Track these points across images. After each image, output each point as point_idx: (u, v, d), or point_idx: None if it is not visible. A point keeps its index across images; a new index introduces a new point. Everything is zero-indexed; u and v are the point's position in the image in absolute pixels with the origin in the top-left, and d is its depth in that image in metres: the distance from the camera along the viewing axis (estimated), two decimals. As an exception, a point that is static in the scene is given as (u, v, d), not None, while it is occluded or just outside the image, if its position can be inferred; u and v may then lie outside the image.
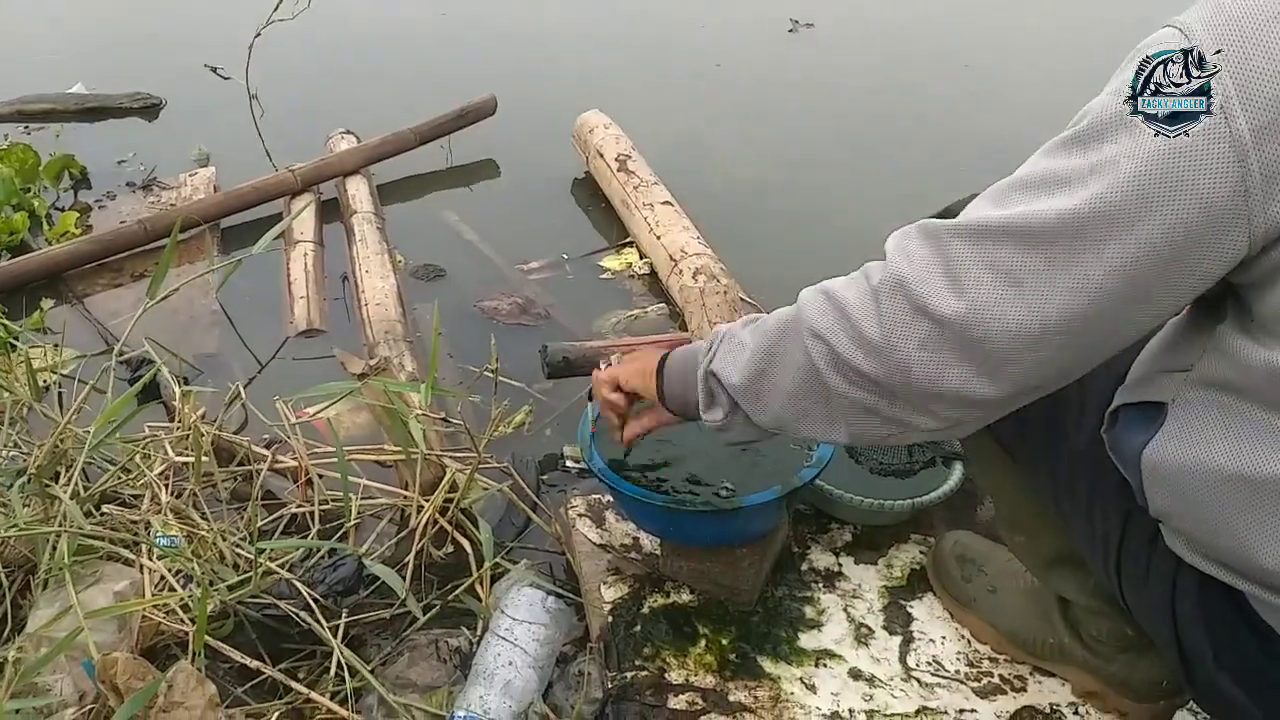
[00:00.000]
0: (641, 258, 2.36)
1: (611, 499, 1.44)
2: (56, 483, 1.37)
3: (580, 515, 1.50)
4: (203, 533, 1.35)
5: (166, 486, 1.40)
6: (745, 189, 2.83)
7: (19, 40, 4.13)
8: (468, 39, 4.19)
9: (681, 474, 1.31)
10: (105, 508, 1.38)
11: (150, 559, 1.31)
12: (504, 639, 1.17)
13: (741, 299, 1.98)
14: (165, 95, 3.39)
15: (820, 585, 1.41)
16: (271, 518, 1.47)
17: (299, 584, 1.30)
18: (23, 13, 4.54)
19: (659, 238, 2.25)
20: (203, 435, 1.42)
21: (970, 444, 1.21)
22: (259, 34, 3.07)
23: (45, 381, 1.72)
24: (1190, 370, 0.84)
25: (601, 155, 2.63)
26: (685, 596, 1.38)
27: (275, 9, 3.05)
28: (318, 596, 1.30)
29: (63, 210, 2.56)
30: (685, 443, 1.35)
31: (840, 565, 1.45)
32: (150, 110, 3.31)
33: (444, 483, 1.42)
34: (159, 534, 1.35)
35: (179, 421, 1.51)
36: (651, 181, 2.47)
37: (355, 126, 2.94)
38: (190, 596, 1.25)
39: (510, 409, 1.68)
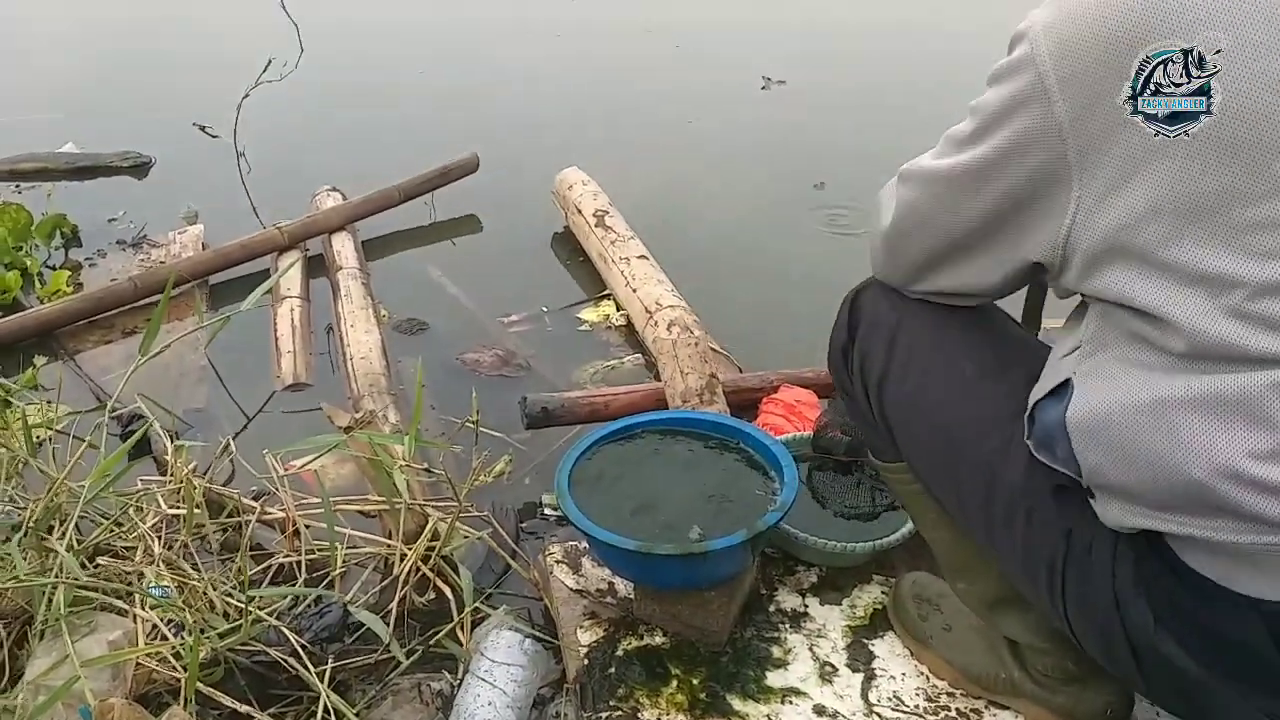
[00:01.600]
0: (618, 310, 2.45)
1: (587, 546, 1.51)
2: (51, 536, 1.43)
3: (557, 562, 1.57)
4: (193, 583, 1.40)
5: (159, 538, 1.46)
6: (719, 242, 2.94)
7: (9, 100, 4.22)
8: (450, 98, 4.31)
9: (653, 520, 1.37)
10: (99, 559, 1.44)
11: (143, 609, 1.36)
12: (483, 680, 1.23)
13: (712, 349, 2.07)
14: (155, 154, 3.49)
15: (787, 625, 1.47)
16: (260, 567, 1.52)
17: (287, 631, 1.36)
18: (13, 73, 4.64)
19: (635, 291, 2.34)
20: (194, 488, 1.47)
21: (908, 500, 1.29)
22: (247, 94, 3.18)
23: (39, 437, 1.78)
24: (1080, 347, 0.95)
25: (580, 211, 2.73)
26: (658, 638, 1.44)
27: (263, 70, 3.16)
28: (305, 643, 1.35)
29: (54, 268, 2.63)
30: (657, 491, 1.43)
31: (806, 606, 1.51)
32: (140, 169, 3.41)
33: (426, 531, 1.48)
34: (152, 584, 1.40)
35: (171, 475, 1.56)
36: (628, 236, 2.56)
37: (341, 184, 3.04)
38: (182, 645, 1.31)
39: (490, 459, 1.75)
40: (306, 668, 1.31)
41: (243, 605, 1.37)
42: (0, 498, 1.56)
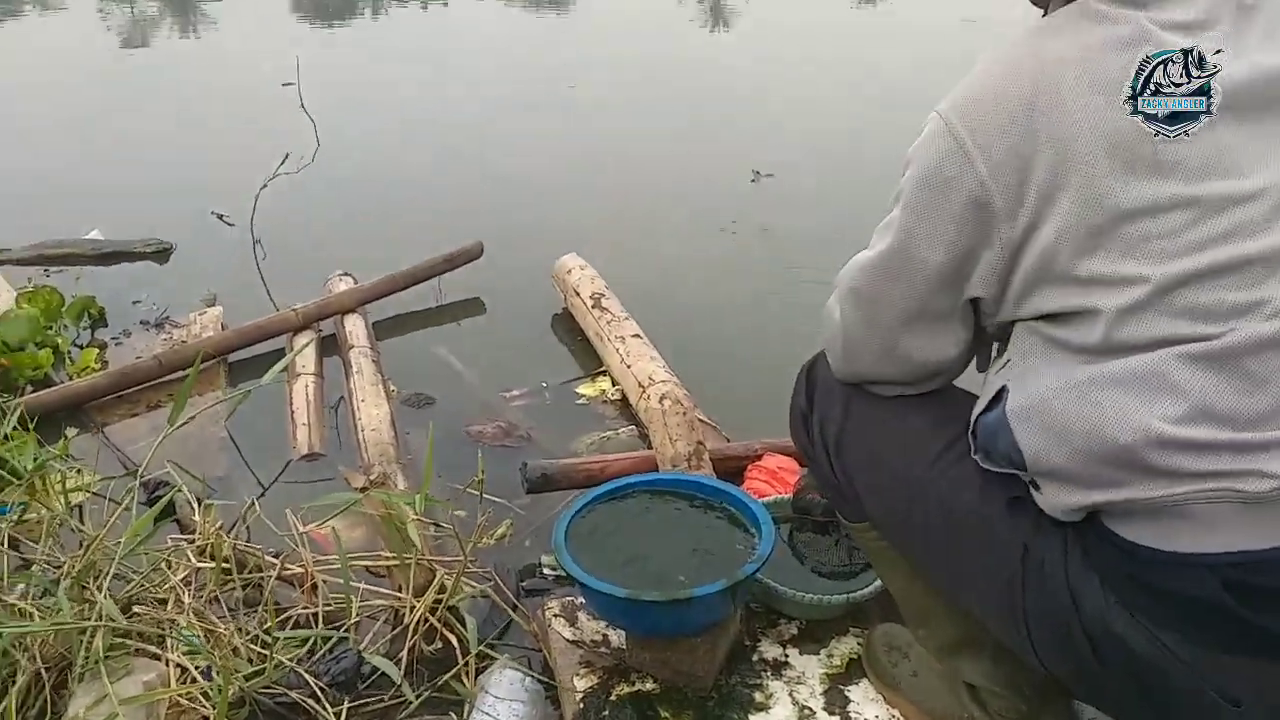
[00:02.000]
0: (614, 385, 2.60)
1: (583, 600, 1.63)
2: (90, 588, 1.55)
3: (555, 615, 1.69)
4: (220, 631, 1.53)
5: (188, 589, 1.58)
6: (707, 323, 3.12)
7: (38, 188, 4.46)
8: (457, 188, 4.56)
9: (642, 571, 1.50)
10: (135, 608, 1.56)
11: (175, 653, 1.48)
12: (487, 714, 1.34)
13: (700, 420, 2.21)
14: (175, 240, 3.68)
15: (769, 673, 1.59)
16: (280, 619, 1.64)
17: (306, 674, 1.48)
18: (39, 161, 4.89)
19: (629, 367, 2.49)
20: (222, 542, 1.61)
21: (874, 555, 1.42)
22: (265, 185, 3.39)
23: (74, 501, 1.91)
24: (1009, 362, 1.10)
25: (578, 294, 2.90)
26: (649, 685, 1.55)
27: (281, 163, 3.38)
28: (322, 685, 1.47)
29: (82, 347, 2.79)
30: (646, 546, 1.56)
31: (787, 655, 1.63)
32: (161, 254, 3.59)
33: (433, 584, 1.61)
34: (184, 630, 1.53)
35: (200, 532, 1.70)
36: (623, 317, 2.73)
37: (352, 269, 3.21)
38: (211, 686, 1.42)
39: (493, 522, 1.88)
40: (324, 708, 1.43)
41: (267, 651, 1.49)
42: (40, 554, 1.69)
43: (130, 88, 7.09)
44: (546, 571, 1.89)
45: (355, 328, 2.85)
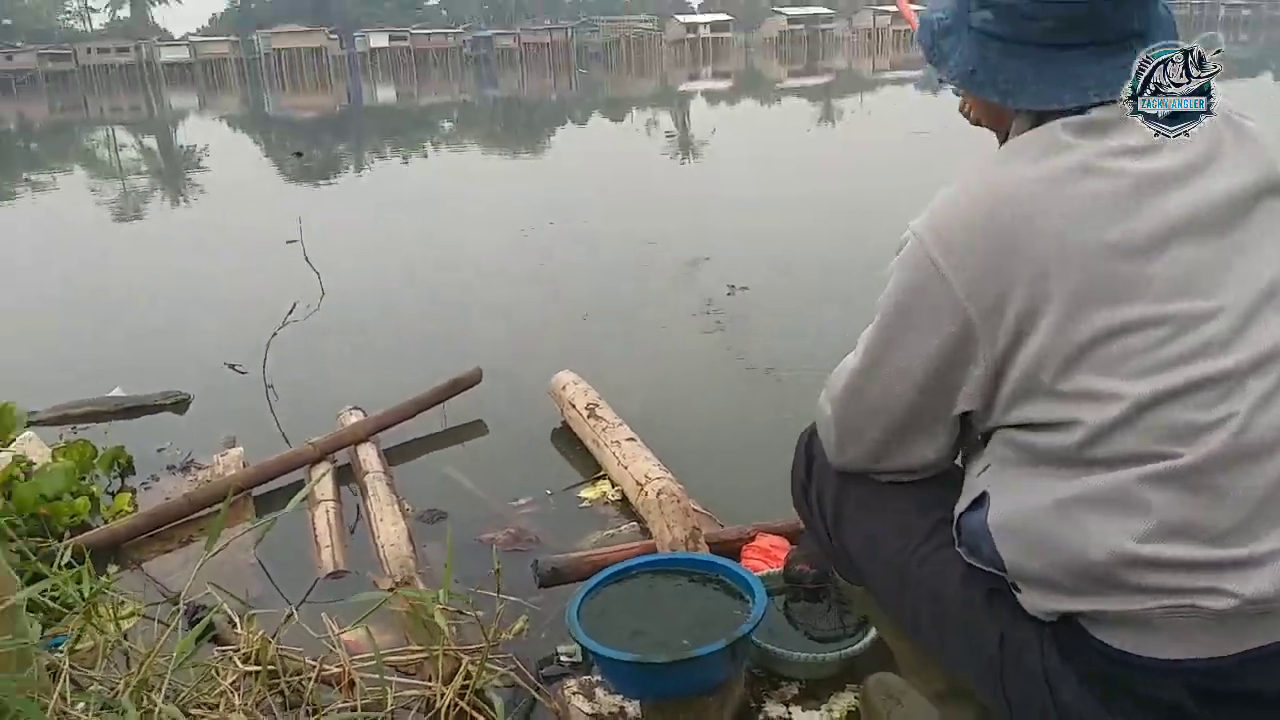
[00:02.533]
0: (613, 486, 2.78)
1: (599, 672, 1.78)
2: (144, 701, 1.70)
3: (575, 693, 1.83)
4: (269, 727, 1.67)
5: (237, 693, 1.73)
6: (696, 422, 3.34)
7: (54, 351, 4.72)
8: (454, 322, 4.86)
9: (649, 640, 1.66)
10: (191, 710, 1.70)
11: (229, 752, 1.62)
12: (519, 776, 1.48)
13: (695, 509, 2.39)
14: (192, 391, 3.90)
15: (773, 729, 1.73)
16: (323, 713, 1.78)
17: (350, 761, 1.61)
18: (55, 328, 5.18)
19: (626, 468, 2.68)
20: (268, 645, 1.76)
21: (871, 613, 1.52)
22: (275, 334, 3.65)
23: (124, 628, 2.06)
24: (989, 467, 1.17)
25: (574, 405, 3.11)
26: (664, 747, 1.69)
27: (289, 312, 3.64)
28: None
29: (114, 494, 2.97)
30: (651, 618, 1.72)
31: (790, 713, 1.77)
32: (180, 405, 3.81)
33: (460, 670, 1.76)
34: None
35: (244, 640, 1.85)
36: (617, 423, 2.93)
37: (360, 401, 3.42)
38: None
39: (510, 618, 2.03)
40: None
41: (312, 742, 1.63)
42: (98, 673, 1.84)
43: (135, 252, 7.47)
44: (564, 659, 2.03)
45: (368, 455, 3.04)
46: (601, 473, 2.88)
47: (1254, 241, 1.06)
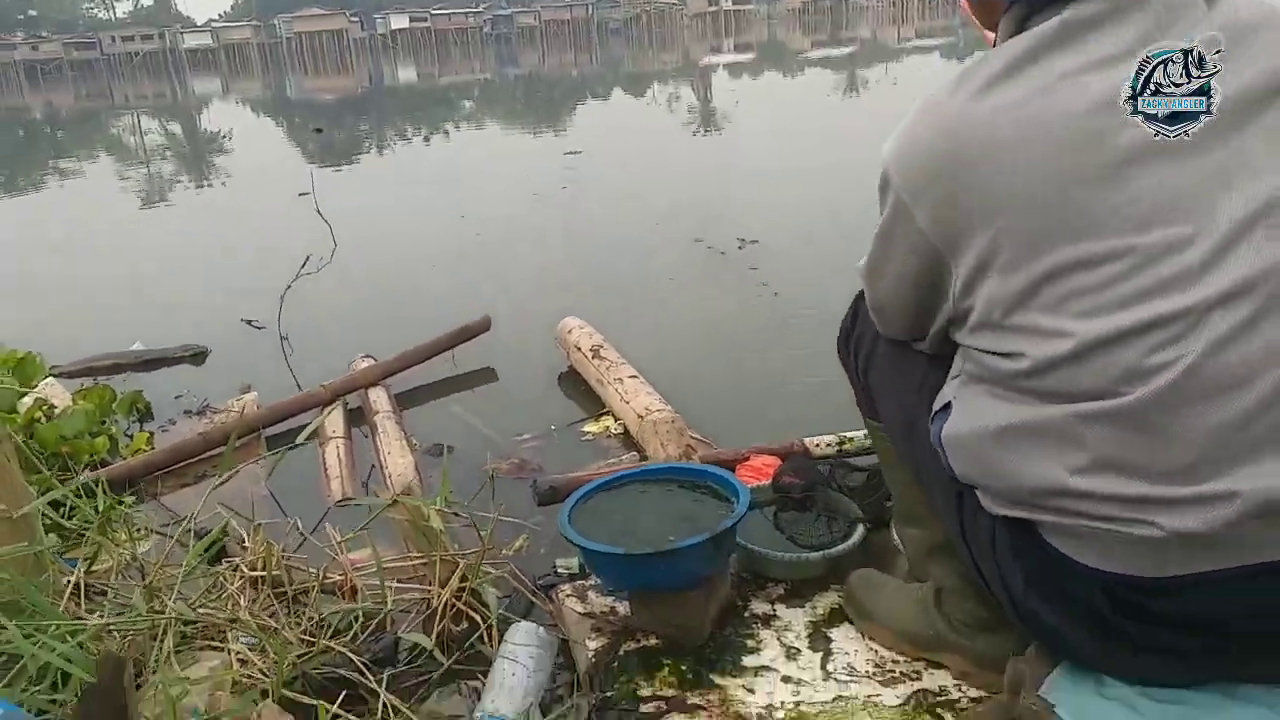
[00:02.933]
0: (615, 421, 2.83)
1: (589, 568, 1.84)
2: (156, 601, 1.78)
3: (568, 596, 1.89)
4: (272, 624, 1.74)
5: (243, 595, 1.80)
6: (698, 364, 3.39)
7: (75, 301, 4.85)
8: (466, 273, 4.94)
9: (636, 537, 1.71)
10: (199, 610, 1.78)
11: (235, 644, 1.69)
12: (506, 657, 1.54)
13: (695, 437, 2.44)
14: (210, 344, 3.99)
15: (759, 625, 1.78)
16: (323, 616, 1.85)
17: (350, 654, 1.68)
18: (72, 274, 5.33)
19: (628, 403, 2.73)
20: (272, 551, 1.84)
21: (882, 450, 1.60)
22: (289, 287, 3.72)
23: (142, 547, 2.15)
24: (958, 377, 1.24)
25: (579, 348, 3.17)
26: (652, 641, 1.74)
27: (303, 265, 3.71)
28: (365, 661, 1.67)
29: (131, 437, 3.06)
30: (639, 519, 1.78)
31: (775, 610, 1.82)
32: (198, 357, 3.90)
33: (457, 571, 1.82)
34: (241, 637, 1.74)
35: (251, 549, 1.93)
36: (620, 362, 2.99)
37: (373, 351, 3.50)
38: (268, 665, 1.63)
39: (512, 537, 2.10)
40: (367, 679, 1.63)
41: (314, 639, 1.71)
42: (112, 583, 1.92)
43: (158, 222, 7.61)
44: (561, 571, 2.10)
45: (379, 397, 3.11)
46: (605, 410, 2.94)
47: (1253, 153, 0.98)
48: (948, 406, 1.23)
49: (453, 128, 15.49)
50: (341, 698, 1.52)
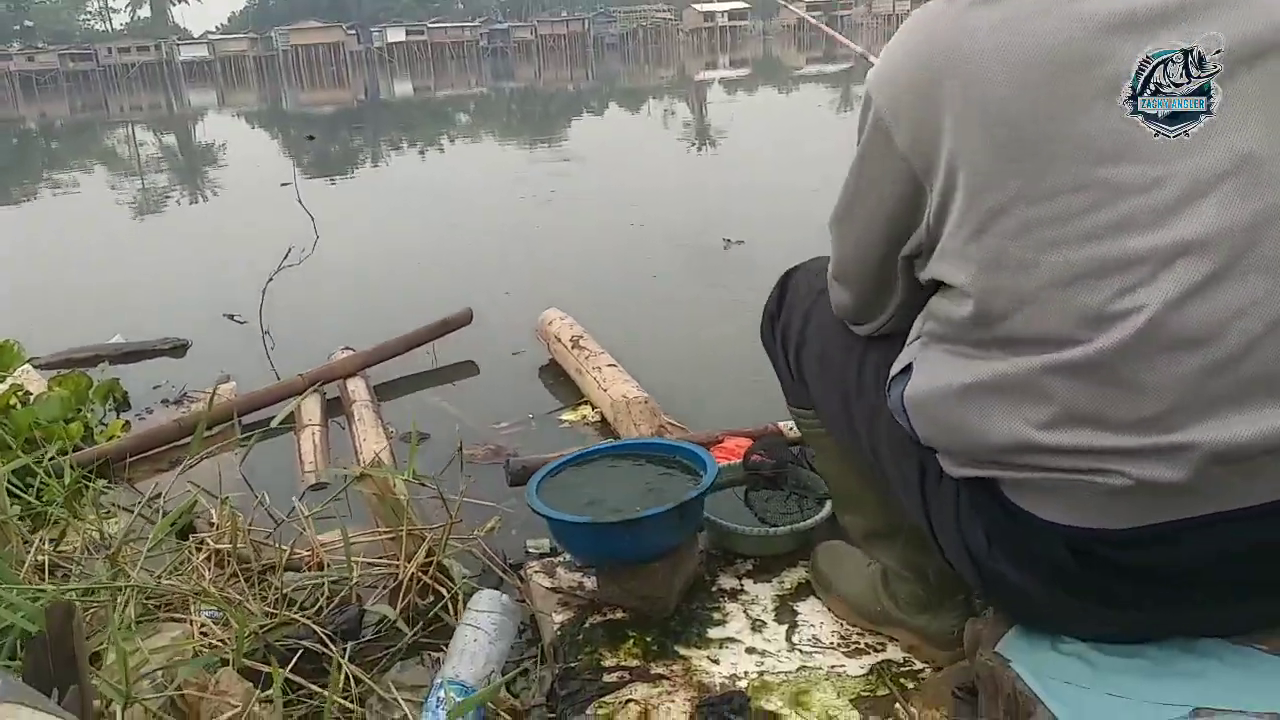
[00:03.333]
0: (593, 409, 2.83)
1: (555, 540, 1.83)
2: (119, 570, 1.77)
3: (536, 572, 1.88)
4: (236, 597, 1.73)
5: (208, 568, 1.79)
6: (676, 354, 3.40)
7: (62, 301, 4.83)
8: (449, 269, 4.94)
9: (603, 507, 1.71)
10: (162, 582, 1.76)
11: (197, 615, 1.68)
12: (468, 624, 1.53)
13: (670, 423, 2.44)
14: (190, 337, 3.98)
15: (725, 599, 1.77)
16: (289, 589, 1.84)
17: (314, 625, 1.67)
18: (60, 277, 5.30)
19: (606, 390, 2.73)
20: (238, 525, 1.82)
21: (815, 441, 1.59)
22: (270, 280, 3.72)
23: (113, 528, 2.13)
24: (920, 338, 1.21)
25: (559, 339, 3.17)
26: (618, 615, 1.73)
27: (284, 258, 3.71)
28: (328, 633, 1.66)
29: (107, 425, 3.05)
30: (607, 490, 1.77)
31: (742, 585, 1.81)
32: (178, 350, 3.89)
33: (424, 544, 1.81)
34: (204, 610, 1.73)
35: (218, 522, 1.91)
36: (599, 352, 2.98)
37: (353, 343, 3.49)
38: (229, 635, 1.62)
39: (484, 519, 2.09)
40: (326, 646, 1.62)
41: (277, 611, 1.70)
42: (77, 555, 1.91)
43: (144, 225, 7.60)
44: (531, 550, 2.09)
45: (357, 387, 3.10)
46: (584, 399, 2.93)
47: (1238, 106, 0.96)
48: (908, 369, 1.21)
49: (446, 140, 15.52)
50: (294, 662, 1.51)
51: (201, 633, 1.68)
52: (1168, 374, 0.96)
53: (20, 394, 2.88)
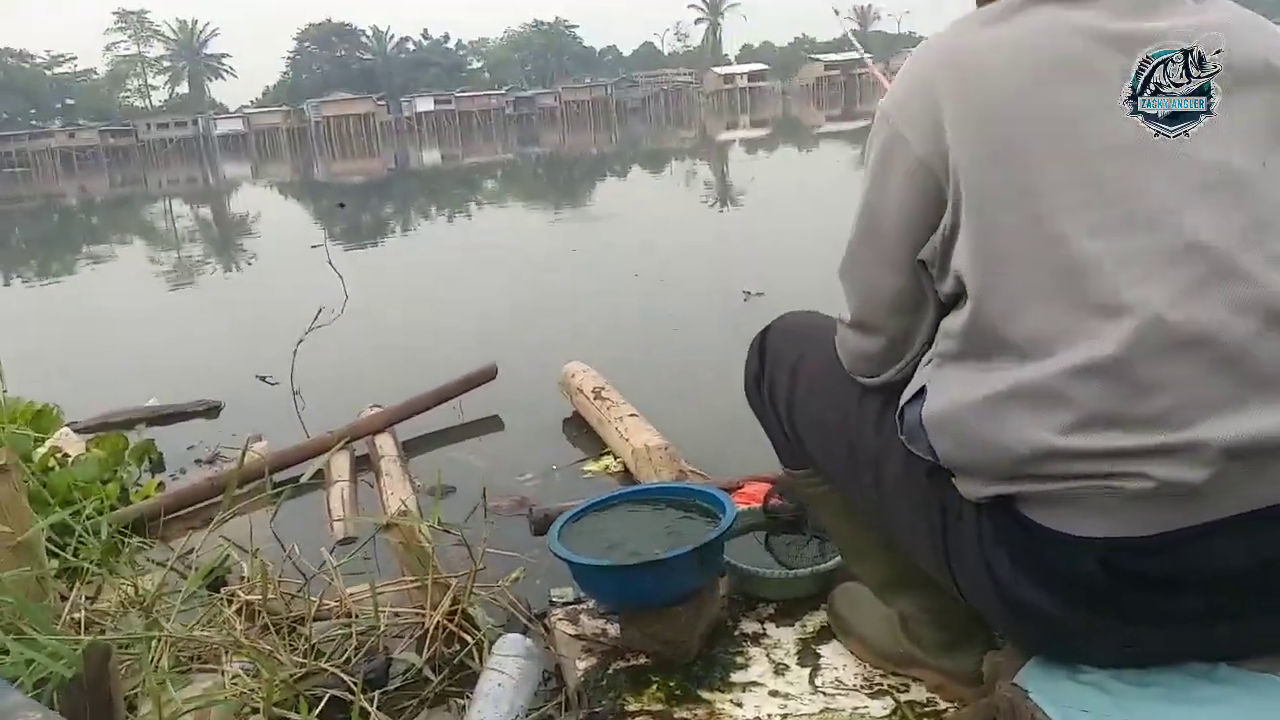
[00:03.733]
0: (615, 459, 2.86)
1: (578, 585, 1.85)
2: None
3: (560, 619, 1.90)
4: (266, 648, 1.76)
5: (240, 617, 1.83)
6: (697, 404, 3.44)
7: (100, 367, 4.96)
8: (474, 327, 5.05)
9: (624, 550, 1.73)
10: (195, 632, 1.80)
11: (229, 665, 1.71)
12: (493, 669, 1.55)
13: (690, 470, 2.46)
14: (224, 399, 4.07)
15: (748, 643, 1.78)
16: (319, 639, 1.87)
17: (343, 674, 1.70)
18: (98, 344, 5.45)
19: (628, 440, 2.76)
20: (268, 574, 1.86)
21: (816, 501, 1.60)
22: (301, 340, 3.79)
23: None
24: (932, 361, 1.22)
25: (581, 390, 3.22)
26: (641, 660, 1.74)
27: (315, 318, 3.78)
28: (357, 681, 1.68)
29: (141, 485, 3.11)
30: (627, 534, 1.79)
31: (765, 629, 1.82)
32: (211, 411, 3.98)
33: (450, 592, 1.84)
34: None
35: (250, 573, 1.95)
36: (621, 403, 3.02)
37: (382, 400, 3.56)
38: (259, 684, 1.65)
39: (508, 569, 2.12)
40: (354, 694, 1.64)
41: (306, 661, 1.73)
42: (113, 610, 1.95)
43: (187, 291, 7.78)
44: (555, 599, 2.10)
45: (385, 443, 3.16)
46: (606, 450, 2.96)
47: (1226, 124, 1.01)
48: (921, 392, 1.21)
49: (474, 204, 15.81)
50: (323, 709, 1.53)
51: (233, 682, 1.71)
52: (1174, 371, 0.99)
53: (59, 456, 2.96)
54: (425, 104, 77.61)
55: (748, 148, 24.99)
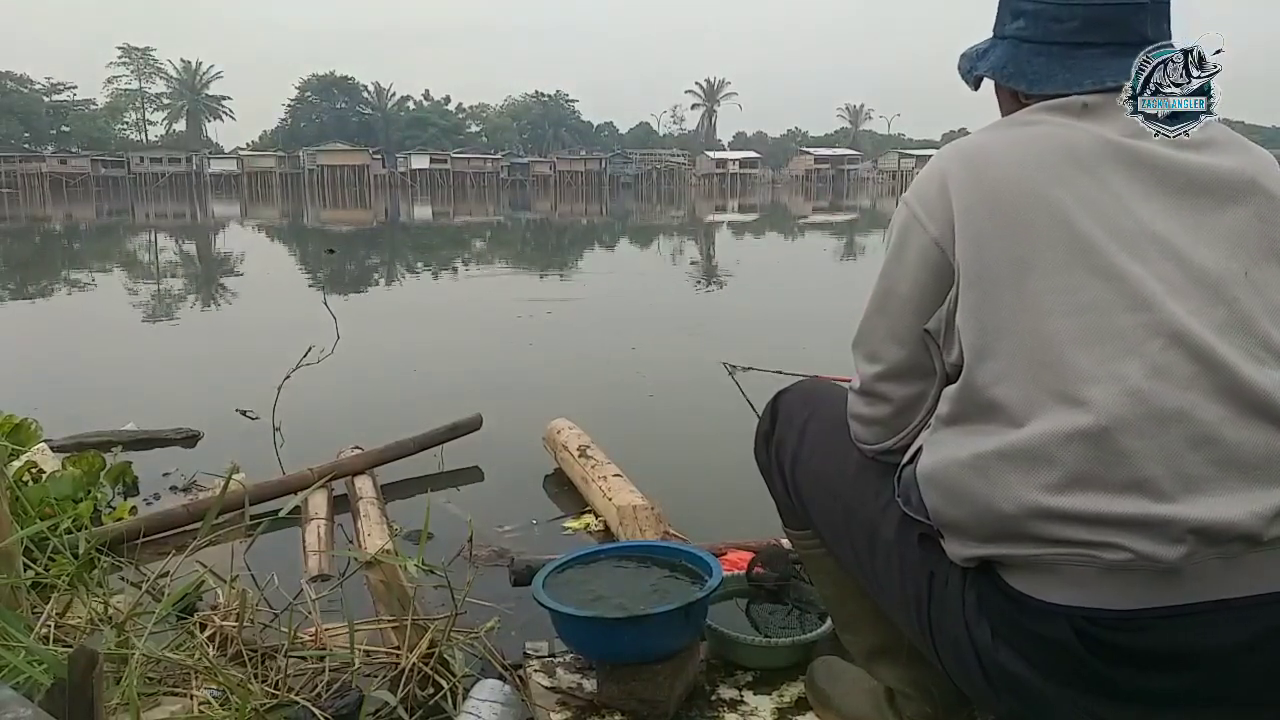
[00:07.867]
0: (597, 518, 2.86)
1: (559, 635, 1.84)
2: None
3: (536, 671, 1.89)
4: (238, 675, 1.74)
5: (213, 643, 1.80)
6: (677, 466, 3.46)
7: (77, 386, 4.90)
8: (460, 376, 5.04)
9: (607, 604, 1.73)
10: (169, 655, 1.77)
11: (199, 690, 1.68)
12: (470, 713, 1.54)
13: (667, 531, 2.47)
14: (203, 429, 4.03)
15: (725, 709, 1.77)
16: (290, 672, 1.84)
17: (313, 707, 1.67)
18: (78, 369, 5.38)
19: (611, 499, 2.77)
20: (245, 607, 1.84)
21: (811, 563, 1.64)
22: (288, 377, 3.79)
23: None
24: (930, 425, 1.25)
25: (566, 448, 3.22)
26: (617, 717, 1.74)
27: (304, 356, 3.79)
28: (328, 716, 1.66)
29: (114, 507, 3.07)
30: (612, 589, 1.80)
31: (742, 696, 1.82)
32: (190, 440, 3.94)
33: (427, 634, 1.83)
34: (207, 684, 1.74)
35: (225, 601, 1.93)
36: (605, 462, 3.03)
37: (361, 443, 3.54)
38: (230, 713, 1.62)
39: (484, 619, 2.10)
40: (328, 731, 1.62)
41: (278, 692, 1.70)
42: (84, 627, 1.92)
43: (168, 324, 7.73)
44: (530, 652, 2.09)
45: (364, 485, 3.14)
46: (588, 508, 2.97)
47: (1214, 228, 1.10)
48: (919, 452, 1.25)
49: (460, 263, 15.90)
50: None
51: (201, 708, 1.69)
52: (1153, 444, 1.04)
53: (34, 471, 2.92)
54: (421, 161, 78.37)
55: (735, 231, 25.37)
